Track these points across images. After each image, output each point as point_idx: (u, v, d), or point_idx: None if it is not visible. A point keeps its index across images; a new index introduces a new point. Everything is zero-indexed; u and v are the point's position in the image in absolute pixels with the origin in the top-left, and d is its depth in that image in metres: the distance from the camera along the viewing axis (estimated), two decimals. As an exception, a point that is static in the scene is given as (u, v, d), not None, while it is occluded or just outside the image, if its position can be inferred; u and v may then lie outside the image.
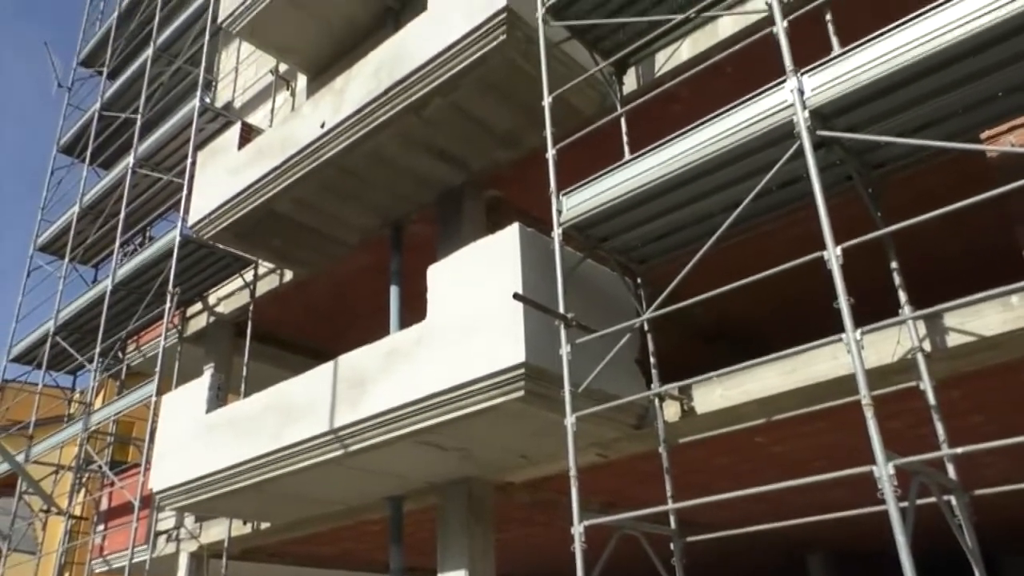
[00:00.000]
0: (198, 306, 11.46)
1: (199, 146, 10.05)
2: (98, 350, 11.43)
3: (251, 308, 10.17)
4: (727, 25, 6.22)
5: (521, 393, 5.32)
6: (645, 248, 5.80)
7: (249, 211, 8.49)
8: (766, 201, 5.01)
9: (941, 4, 3.80)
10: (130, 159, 11.57)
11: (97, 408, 11.58)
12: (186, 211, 9.78)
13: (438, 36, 6.82)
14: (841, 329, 3.88)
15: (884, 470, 3.53)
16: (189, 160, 10.17)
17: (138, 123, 11.85)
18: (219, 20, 10.51)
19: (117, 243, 11.65)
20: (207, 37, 11.31)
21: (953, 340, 4.37)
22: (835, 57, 4.19)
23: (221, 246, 9.52)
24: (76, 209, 13.20)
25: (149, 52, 12.39)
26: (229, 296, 10.94)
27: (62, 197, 14.83)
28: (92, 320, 12.01)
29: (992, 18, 3.60)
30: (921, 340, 4.38)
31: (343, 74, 7.78)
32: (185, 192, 10.16)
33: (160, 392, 9.71)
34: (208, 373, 8.69)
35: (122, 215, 11.57)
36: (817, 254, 3.94)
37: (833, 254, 3.88)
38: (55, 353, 13.06)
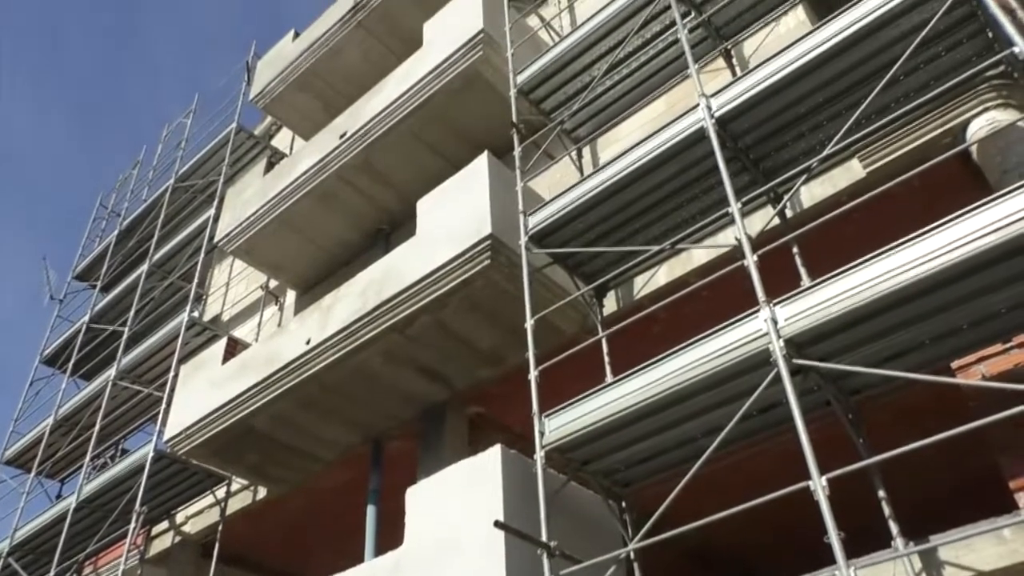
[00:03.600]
0: (164, 524, 10.93)
1: (183, 359, 10.09)
2: (52, 574, 10.71)
3: (220, 528, 9.71)
4: (701, 253, 6.55)
5: (502, 630, 4.97)
6: (628, 471, 5.70)
7: (228, 426, 8.37)
8: (748, 425, 5.01)
9: (900, 245, 4.06)
10: (111, 371, 11.53)
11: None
12: (163, 424, 9.61)
13: (425, 259, 7.11)
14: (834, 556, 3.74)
15: None
16: (172, 373, 10.15)
17: (124, 336, 11.93)
18: (216, 239, 10.97)
19: (88, 457, 11.30)
20: (202, 255, 11.72)
21: (950, 575, 4.19)
22: (805, 289, 4.39)
23: (195, 462, 9.27)
24: (50, 421, 12.91)
25: (144, 268, 12.76)
26: (198, 514, 10.47)
27: (37, 408, 14.58)
28: (51, 540, 11.35)
29: (946, 260, 3.84)
30: (918, 575, 4.21)
31: (332, 292, 8.01)
32: (164, 405, 10.03)
33: (113, 622, 9.00)
34: (167, 602, 8.13)
35: (96, 428, 11.32)
36: (802, 484, 3.88)
37: (819, 484, 3.82)
38: (5, 576, 12.23)
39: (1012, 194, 3.78)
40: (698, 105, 5.65)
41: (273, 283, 11.66)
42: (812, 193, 6.17)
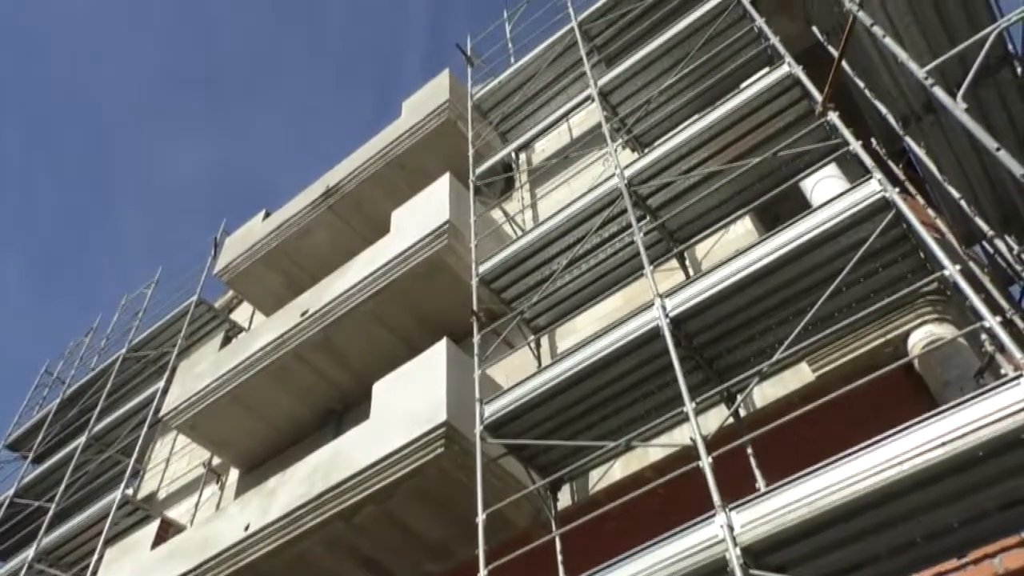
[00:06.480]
0: None
1: (111, 540, 9.45)
2: None
3: None
4: (657, 449, 6.51)
5: None
6: None
7: (149, 619, 7.74)
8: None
9: (849, 455, 4.08)
10: (29, 553, 10.69)
11: None
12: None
13: (377, 444, 6.96)
14: None
15: None
16: (96, 556, 9.45)
17: (49, 513, 11.18)
18: (162, 413, 10.63)
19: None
20: (145, 428, 11.31)
21: None
22: (762, 494, 4.34)
23: (107, 659, 8.45)
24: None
25: (82, 439, 12.20)
26: None
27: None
28: None
29: (895, 473, 3.86)
30: None
31: (276, 476, 7.72)
32: (82, 593, 9.27)
33: None
34: None
35: (3, 619, 10.36)
36: None
37: None
38: None
39: (953, 410, 3.88)
40: (653, 304, 5.84)
41: (216, 460, 11.21)
42: (764, 393, 6.28)
